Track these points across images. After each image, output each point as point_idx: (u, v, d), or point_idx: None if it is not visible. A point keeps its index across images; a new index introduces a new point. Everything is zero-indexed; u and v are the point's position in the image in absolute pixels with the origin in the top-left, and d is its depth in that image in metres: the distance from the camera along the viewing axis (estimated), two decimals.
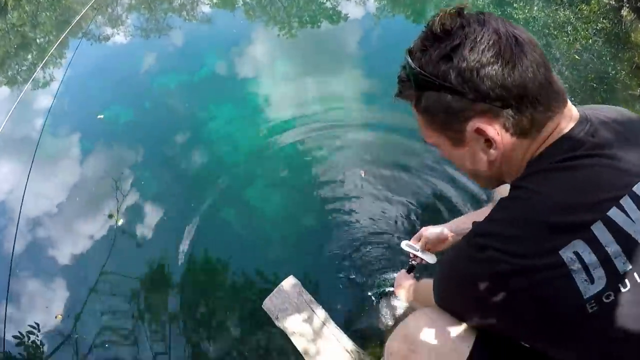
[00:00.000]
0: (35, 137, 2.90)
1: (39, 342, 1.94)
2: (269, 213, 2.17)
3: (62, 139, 3.02)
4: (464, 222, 1.47)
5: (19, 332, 1.97)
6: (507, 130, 0.62)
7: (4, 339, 1.95)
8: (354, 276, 1.94)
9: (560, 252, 0.54)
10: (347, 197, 2.14)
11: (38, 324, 2.00)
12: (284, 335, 1.72)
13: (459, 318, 0.78)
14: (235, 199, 2.23)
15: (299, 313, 1.71)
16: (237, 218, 2.21)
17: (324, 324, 1.68)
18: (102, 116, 3.04)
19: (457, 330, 0.79)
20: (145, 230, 2.32)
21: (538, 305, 0.57)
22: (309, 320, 1.69)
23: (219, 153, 2.52)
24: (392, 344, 0.89)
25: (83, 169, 2.77)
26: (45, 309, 2.08)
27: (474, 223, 0.68)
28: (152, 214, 2.37)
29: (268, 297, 1.80)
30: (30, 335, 1.96)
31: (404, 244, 1.55)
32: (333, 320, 1.72)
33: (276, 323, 1.74)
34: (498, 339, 0.71)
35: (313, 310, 1.72)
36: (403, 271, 1.60)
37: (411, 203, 2.10)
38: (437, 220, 1.83)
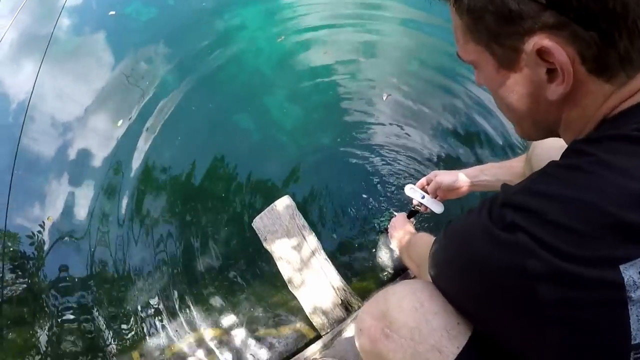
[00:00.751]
0: (47, 32, 2.71)
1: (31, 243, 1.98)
2: (282, 126, 1.97)
3: (76, 35, 2.82)
4: (484, 173, 1.13)
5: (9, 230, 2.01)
6: (583, 61, 0.43)
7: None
8: (354, 208, 1.67)
9: (621, 267, 0.37)
10: (365, 123, 1.91)
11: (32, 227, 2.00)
12: (270, 259, 1.55)
13: (454, 306, 0.59)
14: (251, 106, 2.04)
15: (289, 237, 1.51)
16: (249, 126, 1.99)
17: (313, 253, 1.47)
18: (113, 12, 2.75)
19: (448, 322, 0.58)
20: (154, 130, 2.17)
21: (566, 331, 0.40)
22: (298, 247, 1.49)
23: (242, 57, 2.28)
24: (365, 318, 0.69)
25: (98, 67, 2.58)
26: (39, 209, 2.07)
27: (504, 186, 0.50)
28: (164, 114, 2.19)
29: (259, 215, 1.59)
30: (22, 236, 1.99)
31: (408, 188, 1.27)
32: (324, 251, 1.50)
33: (264, 244, 1.55)
34: (497, 347, 0.51)
35: (304, 237, 1.50)
36: (402, 214, 1.31)
37: (432, 143, 1.83)
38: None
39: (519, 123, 0.57)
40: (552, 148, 0.79)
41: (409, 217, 1.38)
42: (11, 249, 2.05)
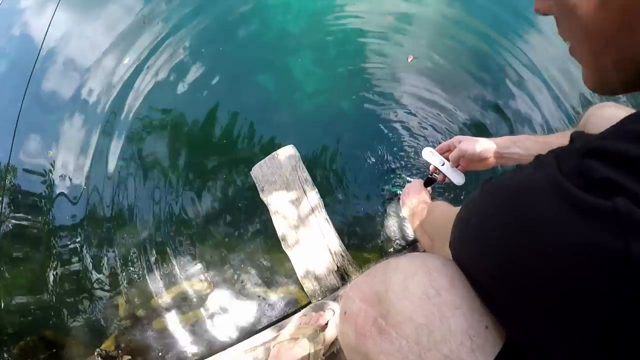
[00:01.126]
0: None
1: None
2: (302, 84, 1.83)
3: None
4: (517, 145, 0.93)
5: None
6: None
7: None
8: (366, 171, 1.46)
9: None
10: (388, 88, 1.76)
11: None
12: (266, 212, 1.38)
13: (481, 296, 0.41)
14: (274, 63, 1.90)
15: (288, 190, 1.32)
16: (265, 82, 1.83)
17: (313, 211, 1.29)
18: None
19: (473, 324, 0.40)
20: (163, 72, 2.02)
21: None
22: (297, 202, 1.30)
23: (268, 11, 2.09)
24: (352, 298, 0.48)
25: (113, 7, 2.42)
26: (41, 143, 1.97)
27: (577, 133, 0.38)
28: (175, 57, 2.04)
29: (258, 163, 1.42)
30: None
31: (427, 151, 1.10)
32: (325, 210, 1.31)
33: (260, 195, 1.38)
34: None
35: (305, 192, 1.32)
36: (418, 181, 1.15)
37: (457, 113, 1.69)
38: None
39: (598, 58, 0.38)
40: (612, 118, 0.62)
41: (425, 185, 1.17)
42: (12, 183, 1.98)
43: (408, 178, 1.37)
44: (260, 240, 1.49)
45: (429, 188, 1.22)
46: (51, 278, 1.70)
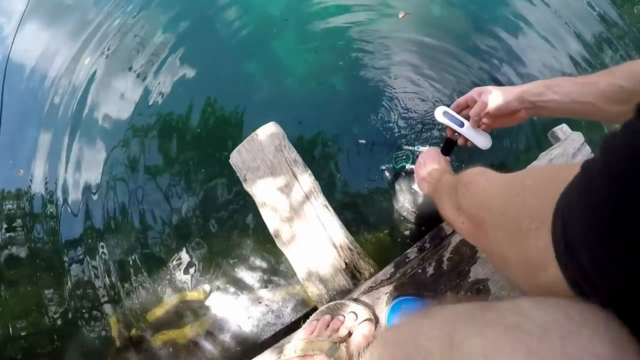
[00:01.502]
0: None
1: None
2: (290, 66, 1.74)
3: None
4: (553, 90, 0.73)
5: None
6: None
7: None
8: (364, 141, 1.22)
9: None
10: (381, 62, 1.66)
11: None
12: (253, 205, 1.14)
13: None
14: (259, 48, 1.81)
15: (274, 176, 1.07)
16: (253, 69, 1.73)
17: (307, 197, 1.04)
18: None
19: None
20: (142, 72, 1.82)
21: None
22: (287, 188, 1.06)
23: None
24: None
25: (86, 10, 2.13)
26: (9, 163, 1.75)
27: None
28: (162, 57, 1.85)
29: (236, 148, 1.16)
30: None
31: (440, 112, 0.90)
32: (323, 195, 1.06)
33: (244, 186, 1.14)
34: None
35: (295, 175, 1.07)
36: (434, 149, 0.97)
37: (454, 85, 1.58)
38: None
39: None
40: None
41: (443, 152, 0.93)
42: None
43: (414, 148, 1.12)
44: (254, 238, 1.28)
45: (449, 156, 0.98)
46: (43, 301, 1.54)
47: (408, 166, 1.10)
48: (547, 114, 0.77)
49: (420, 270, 0.92)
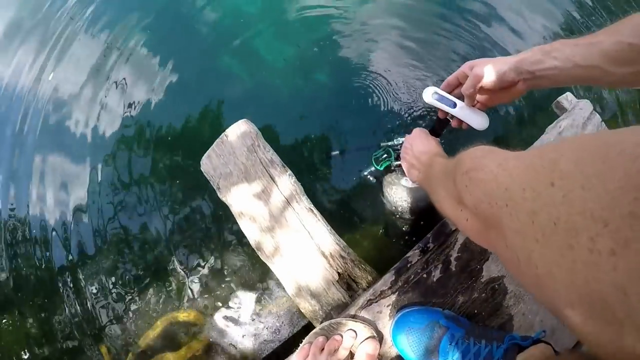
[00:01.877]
0: None
1: None
2: (270, 62, 1.65)
3: None
4: (552, 55, 0.63)
5: None
6: None
7: None
8: (337, 152, 1.11)
9: None
10: (363, 51, 1.58)
11: None
12: (231, 216, 1.01)
13: None
14: (235, 49, 1.69)
15: (249, 182, 0.94)
16: (236, 68, 1.63)
17: (289, 202, 0.91)
18: None
19: None
20: (119, 81, 1.68)
21: None
22: (265, 194, 0.93)
23: None
24: None
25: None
26: None
27: None
28: (134, 64, 1.71)
29: (206, 153, 1.03)
30: None
31: (429, 93, 0.79)
32: (307, 198, 0.93)
33: (219, 196, 1.01)
34: None
35: (272, 178, 0.93)
36: (421, 130, 0.86)
37: (441, 63, 1.50)
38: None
39: None
40: None
41: (433, 134, 0.81)
42: None
43: (393, 142, 1.00)
44: (244, 250, 1.15)
45: (439, 138, 0.86)
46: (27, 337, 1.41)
47: (394, 163, 0.97)
48: (547, 84, 0.68)
49: (425, 275, 0.80)
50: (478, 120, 0.77)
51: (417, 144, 0.80)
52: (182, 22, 1.78)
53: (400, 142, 0.99)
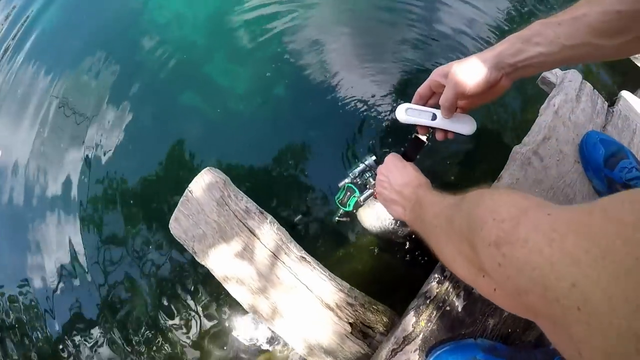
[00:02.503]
0: None
1: None
2: (228, 89, 1.58)
3: None
4: (534, 42, 0.55)
5: None
6: None
7: None
8: (299, 216, 1.03)
9: None
10: (322, 64, 1.52)
11: None
12: (216, 281, 0.88)
13: None
14: (193, 81, 1.63)
15: (226, 241, 0.82)
16: (194, 101, 1.55)
17: (276, 257, 0.79)
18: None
19: None
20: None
21: None
22: (248, 252, 0.81)
23: (166, 31, 1.78)
24: None
25: None
26: None
27: None
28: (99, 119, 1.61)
29: (173, 215, 0.90)
30: None
31: (402, 110, 0.69)
32: (296, 246, 0.82)
33: (198, 260, 0.88)
34: None
35: (252, 232, 0.81)
36: (393, 155, 0.75)
37: (401, 68, 1.44)
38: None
39: None
40: None
41: (407, 157, 0.72)
42: None
43: (352, 169, 0.87)
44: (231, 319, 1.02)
45: (416, 156, 0.76)
46: None
47: (361, 198, 0.84)
48: (534, 72, 0.59)
49: (448, 308, 0.69)
50: (465, 126, 0.67)
51: (395, 176, 0.69)
52: (133, 63, 1.68)
53: (360, 167, 0.86)
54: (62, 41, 1.84)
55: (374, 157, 0.85)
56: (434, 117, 0.66)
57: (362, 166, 0.85)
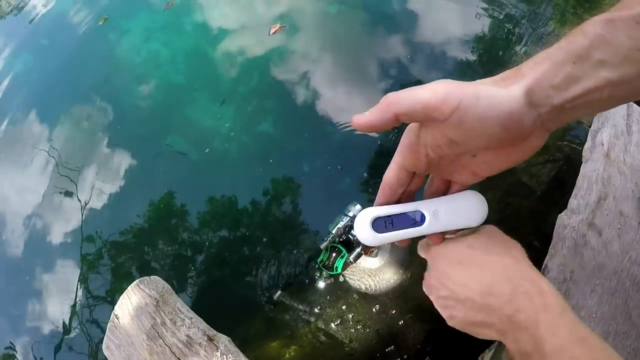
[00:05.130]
0: None
1: None
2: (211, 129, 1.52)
3: None
4: (581, 70, 0.23)
5: None
6: None
7: None
8: (279, 293, 0.91)
9: None
10: (309, 98, 1.43)
11: None
12: None
13: None
14: (176, 124, 1.58)
15: None
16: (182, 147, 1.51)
17: None
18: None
19: None
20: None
21: None
22: None
23: (144, 70, 1.73)
24: None
25: None
26: None
27: None
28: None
29: (104, 340, 0.69)
30: None
31: (365, 222, 0.37)
32: None
33: None
34: None
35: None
36: (446, 245, 0.40)
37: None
38: None
39: None
40: None
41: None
42: None
43: (334, 225, 0.69)
44: None
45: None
46: None
47: (350, 258, 0.68)
48: (584, 115, 0.30)
49: None
50: (469, 215, 0.40)
51: (462, 278, 0.39)
52: (113, 110, 1.63)
53: (344, 221, 0.69)
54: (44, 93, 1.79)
55: (358, 207, 0.71)
56: (422, 220, 0.40)
57: (346, 220, 0.70)
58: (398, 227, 0.39)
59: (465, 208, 0.40)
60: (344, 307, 0.86)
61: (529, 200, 0.78)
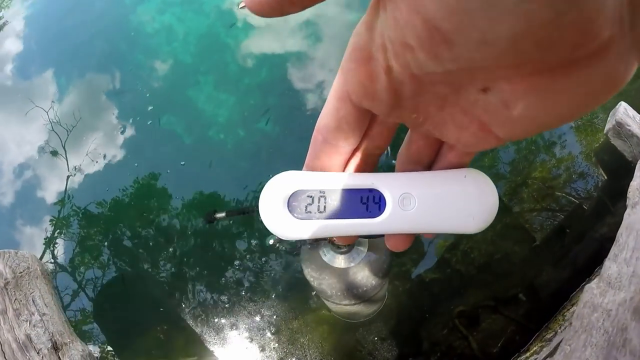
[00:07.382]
0: None
1: None
2: (211, 117, 1.49)
3: None
4: None
5: None
6: None
7: None
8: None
9: None
10: (310, 100, 1.39)
11: None
12: None
13: None
14: (175, 104, 1.55)
15: None
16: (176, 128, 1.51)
17: None
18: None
19: None
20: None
21: None
22: None
23: (153, 45, 1.66)
24: None
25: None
26: None
27: None
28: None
29: None
30: None
31: (277, 203, 0.20)
32: None
33: None
34: None
35: None
36: None
37: None
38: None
39: None
40: None
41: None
42: None
43: None
44: None
45: None
46: None
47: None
48: None
49: None
50: (465, 209, 0.21)
51: None
52: (118, 80, 1.63)
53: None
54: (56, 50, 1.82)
55: None
56: (381, 205, 0.23)
57: None
58: (335, 213, 0.22)
59: (460, 197, 0.21)
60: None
61: (522, 246, 0.58)
